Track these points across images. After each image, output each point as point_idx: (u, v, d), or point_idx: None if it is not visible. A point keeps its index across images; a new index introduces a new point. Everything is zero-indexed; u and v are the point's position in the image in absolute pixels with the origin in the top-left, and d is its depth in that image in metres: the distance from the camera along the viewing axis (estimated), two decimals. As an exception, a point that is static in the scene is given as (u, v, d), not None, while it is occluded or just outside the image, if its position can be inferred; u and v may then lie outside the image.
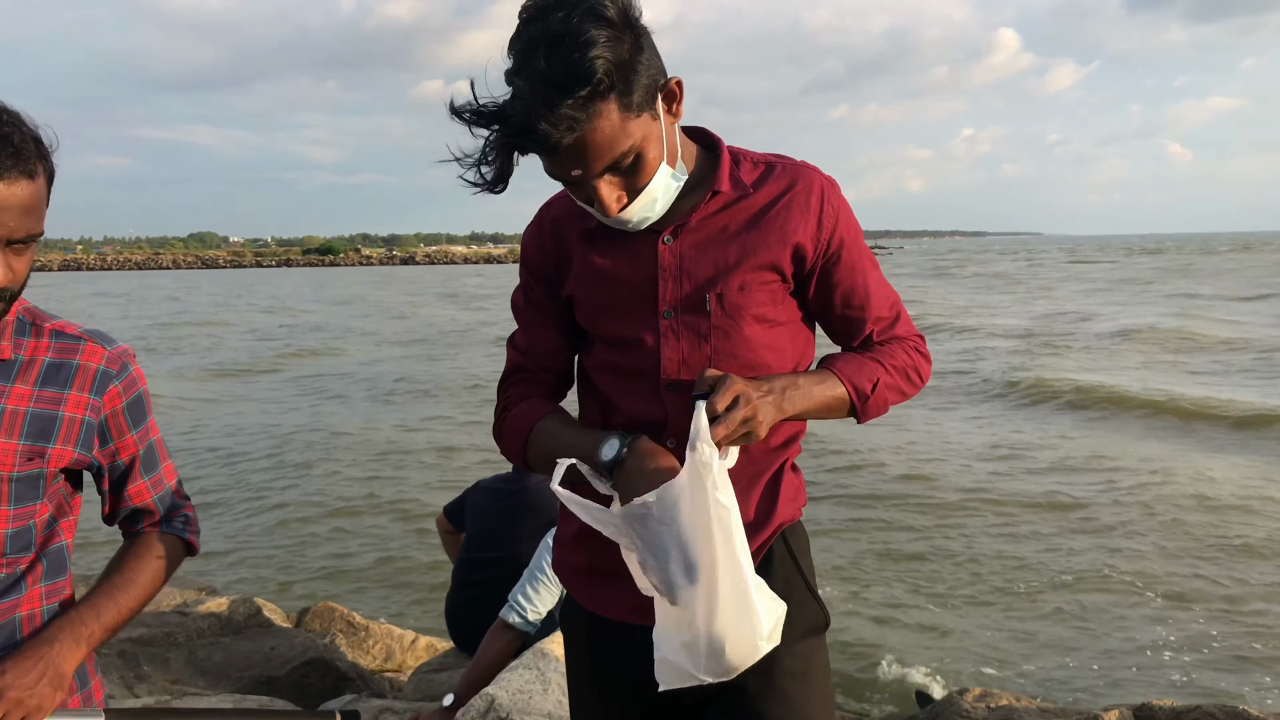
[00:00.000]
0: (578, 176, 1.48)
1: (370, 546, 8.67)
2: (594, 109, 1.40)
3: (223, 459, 12.15)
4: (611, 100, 1.41)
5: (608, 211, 1.52)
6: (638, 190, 1.52)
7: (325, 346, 25.32)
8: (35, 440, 1.50)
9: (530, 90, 1.37)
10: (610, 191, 1.50)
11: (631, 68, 1.42)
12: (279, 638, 5.01)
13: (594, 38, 1.37)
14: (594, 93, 1.38)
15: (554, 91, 1.37)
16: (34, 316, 1.57)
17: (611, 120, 1.42)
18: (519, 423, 1.73)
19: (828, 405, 1.64)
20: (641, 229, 1.61)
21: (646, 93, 1.46)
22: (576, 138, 1.41)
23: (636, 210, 1.54)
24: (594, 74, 1.37)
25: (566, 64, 1.37)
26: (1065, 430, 12.74)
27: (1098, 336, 23.40)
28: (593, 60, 1.37)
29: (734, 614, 1.47)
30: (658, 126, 1.51)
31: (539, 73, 1.37)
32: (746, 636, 1.48)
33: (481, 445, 12.31)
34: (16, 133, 1.37)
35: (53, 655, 1.49)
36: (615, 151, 1.45)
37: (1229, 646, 6.25)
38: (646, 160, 1.50)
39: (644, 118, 1.47)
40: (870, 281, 1.70)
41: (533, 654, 3.17)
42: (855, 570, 7.75)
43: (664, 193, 1.56)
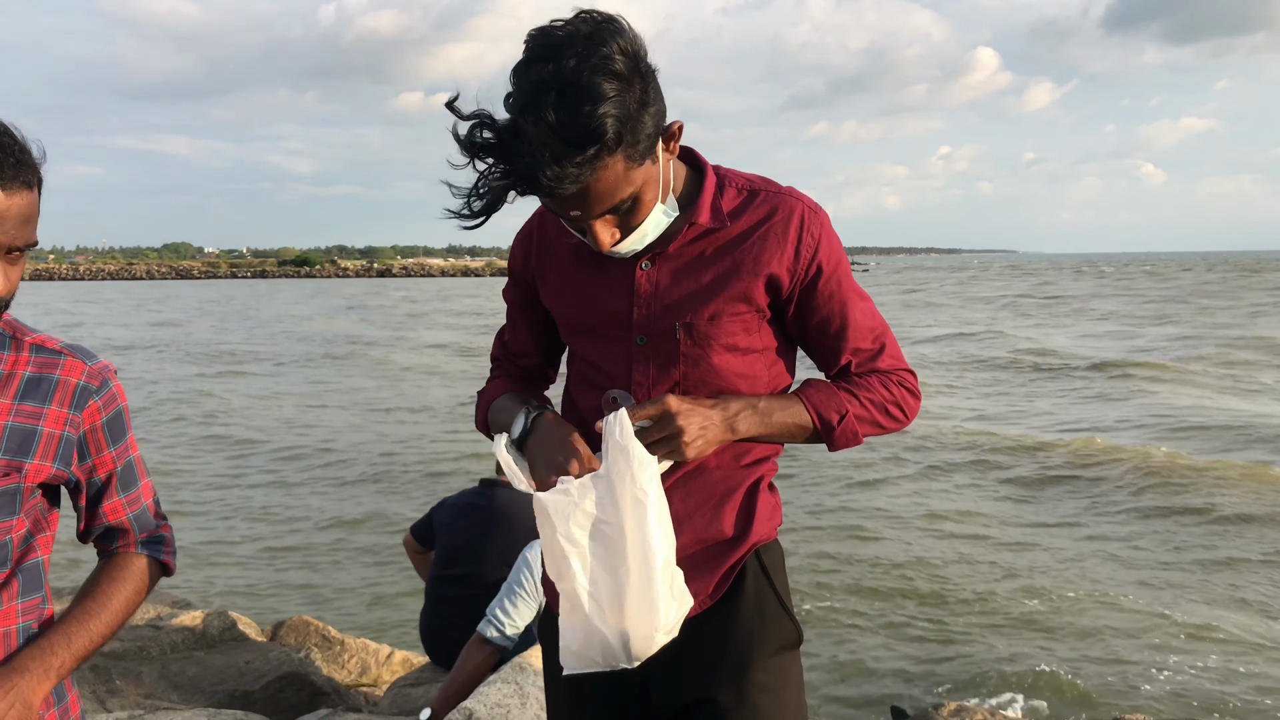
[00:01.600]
0: (576, 217, 1.50)
1: (345, 560, 8.61)
2: (600, 162, 1.40)
3: (198, 467, 12.05)
4: (618, 154, 1.42)
5: (600, 247, 1.54)
6: (631, 228, 1.54)
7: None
8: (13, 455, 1.50)
9: (538, 139, 1.36)
10: (605, 229, 1.52)
11: (639, 119, 1.43)
12: (254, 651, 4.97)
13: (605, 93, 1.37)
14: (602, 150, 1.39)
15: (562, 145, 1.36)
16: (14, 330, 1.56)
17: (615, 171, 1.43)
18: (482, 400, 1.85)
19: (788, 430, 1.65)
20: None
21: (650, 142, 1.47)
22: (580, 188, 1.42)
23: (626, 245, 1.56)
24: (604, 133, 1.37)
25: (576, 119, 1.36)
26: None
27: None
28: (602, 118, 1.37)
29: (635, 606, 1.52)
30: (656, 169, 1.53)
31: (547, 124, 1.36)
32: (644, 629, 1.53)
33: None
34: (16, 144, 1.39)
35: (22, 686, 1.47)
36: (615, 199, 1.47)
37: (1212, 666, 6.31)
38: (643, 202, 1.52)
39: (645, 164, 1.49)
40: (850, 311, 1.68)
41: (511, 668, 3.16)
42: (833, 587, 7.77)
43: (655, 229, 1.58)
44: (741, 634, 1.66)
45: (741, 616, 1.67)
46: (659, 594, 1.52)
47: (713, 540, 1.67)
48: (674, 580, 1.56)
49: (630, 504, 1.50)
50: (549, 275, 1.74)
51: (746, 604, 1.69)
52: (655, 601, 1.52)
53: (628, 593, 1.52)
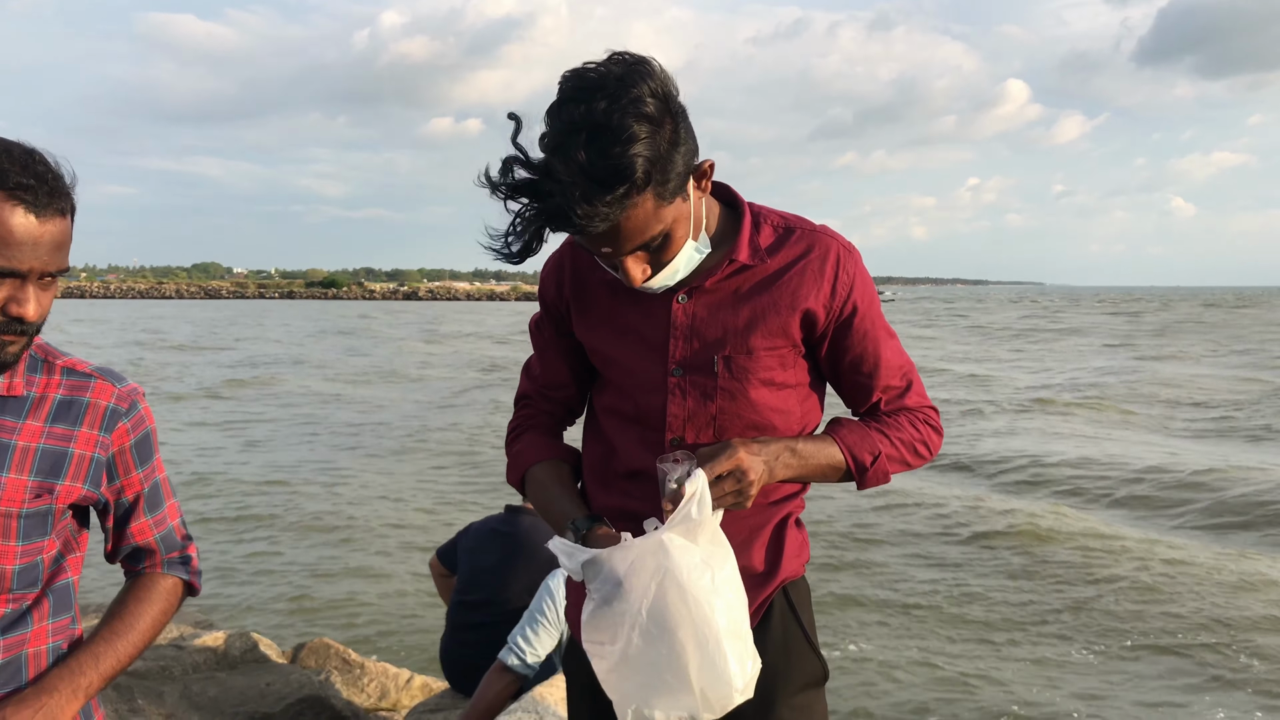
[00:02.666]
0: (607, 254, 1.52)
1: (367, 583, 8.62)
2: (630, 201, 1.42)
3: (221, 490, 12.12)
4: (648, 193, 1.44)
5: (632, 283, 1.55)
6: (662, 264, 1.56)
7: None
8: (45, 477, 1.51)
9: (569, 178, 1.39)
10: (636, 266, 1.54)
11: (669, 159, 1.45)
12: (274, 674, 4.98)
13: (635, 134, 1.39)
14: (631, 189, 1.41)
15: (592, 185, 1.39)
16: (46, 353, 1.59)
17: (646, 209, 1.45)
18: (519, 460, 1.82)
19: (823, 472, 1.66)
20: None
21: (681, 180, 1.49)
22: (610, 226, 1.44)
23: (658, 281, 1.58)
24: (633, 173, 1.40)
25: (607, 160, 1.39)
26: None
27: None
28: (633, 159, 1.39)
29: (700, 673, 1.47)
30: (688, 206, 1.54)
31: (578, 163, 1.39)
32: (719, 693, 1.49)
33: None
34: (50, 172, 1.42)
35: (51, 706, 1.49)
36: (646, 235, 1.49)
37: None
38: (674, 239, 1.54)
39: (676, 202, 1.50)
40: (882, 350, 1.70)
41: (529, 699, 3.15)
42: (863, 619, 7.70)
43: (686, 265, 1.59)
44: (768, 670, 1.65)
45: (768, 653, 1.67)
46: (731, 656, 1.48)
47: (742, 576, 1.67)
48: (745, 638, 1.53)
49: (698, 568, 1.47)
50: (582, 307, 1.75)
51: (773, 641, 1.68)
52: (727, 664, 1.48)
53: (690, 659, 1.47)
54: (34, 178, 1.40)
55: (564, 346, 1.83)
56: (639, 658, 1.51)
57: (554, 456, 1.81)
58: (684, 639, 1.46)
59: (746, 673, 1.52)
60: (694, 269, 1.62)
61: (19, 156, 1.40)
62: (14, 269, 1.39)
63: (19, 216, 1.38)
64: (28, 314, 1.43)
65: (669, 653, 1.48)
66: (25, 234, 1.38)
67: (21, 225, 1.38)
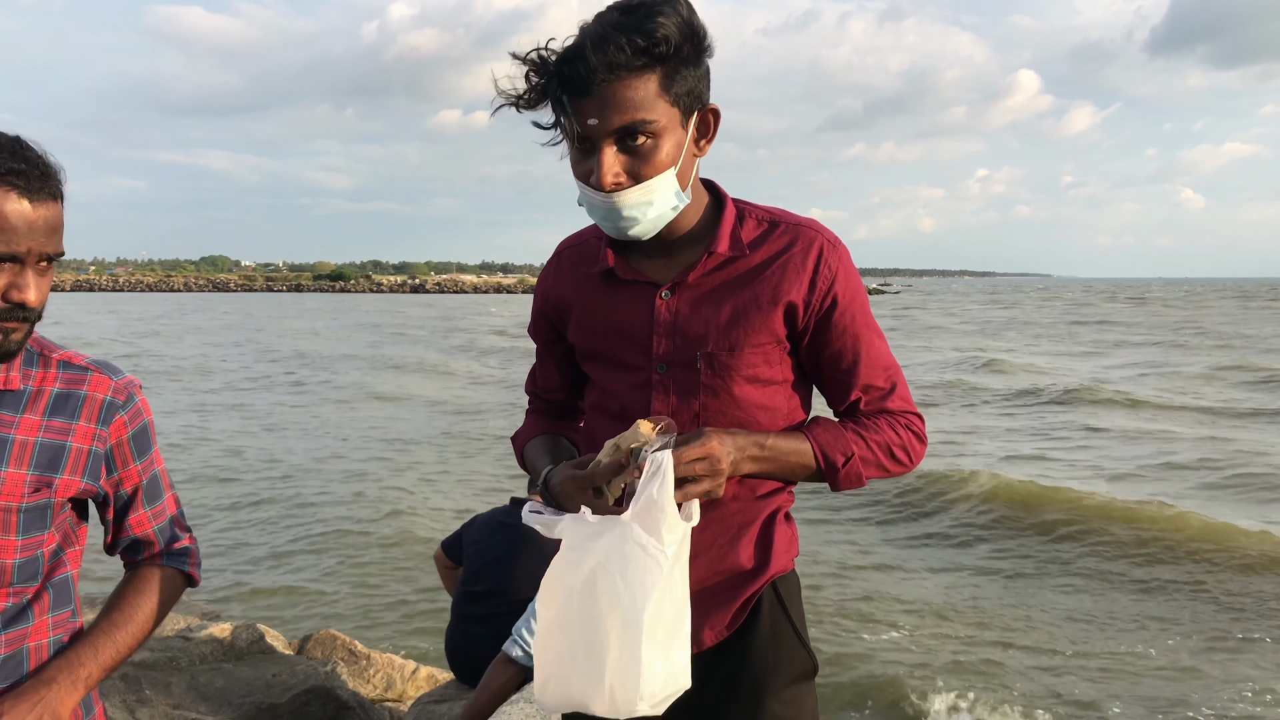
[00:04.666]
0: (592, 128, 1.49)
1: (374, 575, 8.65)
2: (639, 64, 1.46)
3: (222, 481, 12.17)
4: (655, 72, 1.48)
5: (602, 181, 1.51)
6: (639, 179, 1.52)
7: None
8: (44, 471, 1.52)
9: (594, 30, 1.47)
10: (612, 164, 1.50)
11: (686, 64, 1.50)
12: (281, 665, 5.00)
13: (667, 16, 1.47)
14: (646, 50, 1.46)
15: (613, 32, 1.45)
16: (41, 347, 1.59)
17: (647, 88, 1.48)
18: (517, 440, 1.89)
19: (793, 470, 1.63)
20: (644, 272, 1.64)
21: (687, 96, 1.52)
22: (610, 85, 1.46)
23: (629, 200, 1.53)
24: (655, 33, 1.45)
25: (634, 21, 1.46)
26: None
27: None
28: (659, 23, 1.46)
29: (617, 666, 1.43)
30: (681, 136, 1.54)
31: (608, 20, 1.47)
32: (625, 692, 1.44)
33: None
34: (39, 158, 1.44)
35: (50, 698, 1.49)
36: (636, 114, 1.48)
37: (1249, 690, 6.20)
38: (659, 150, 1.51)
39: (675, 111, 1.52)
40: (863, 348, 1.67)
41: (532, 689, 3.16)
42: (865, 605, 7.71)
43: (661, 199, 1.55)
44: (757, 665, 1.64)
45: (757, 647, 1.66)
46: (648, 665, 1.43)
47: (730, 572, 1.67)
48: (672, 652, 1.48)
49: (649, 567, 1.43)
50: (571, 305, 1.74)
51: (762, 635, 1.68)
52: (640, 669, 1.43)
53: (609, 649, 1.43)
54: (24, 162, 1.42)
55: (557, 353, 1.84)
56: (566, 633, 1.48)
57: (547, 433, 1.86)
58: (609, 630, 1.43)
59: (660, 688, 1.46)
60: (675, 256, 1.62)
61: (6, 144, 1.43)
62: (12, 253, 1.41)
63: (12, 202, 1.40)
64: (29, 299, 1.44)
65: (592, 639, 1.45)
66: (20, 218, 1.40)
67: (16, 210, 1.40)
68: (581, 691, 1.47)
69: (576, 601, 1.47)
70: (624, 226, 1.56)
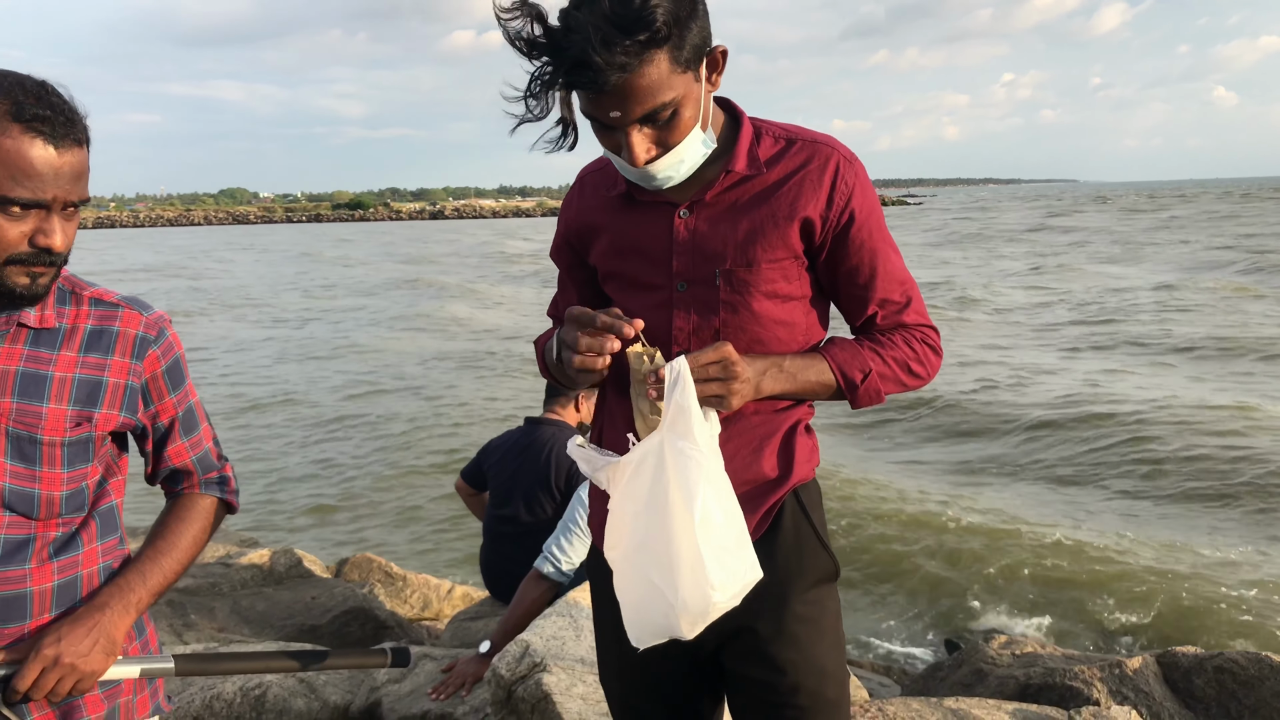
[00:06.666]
0: (615, 119, 1.51)
1: (409, 498, 8.81)
2: (647, 55, 1.44)
3: (260, 410, 12.35)
4: (664, 51, 1.46)
5: (635, 161, 1.55)
6: (668, 147, 1.56)
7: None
8: (83, 405, 1.57)
9: (589, 25, 1.42)
10: (641, 142, 1.54)
11: (687, 25, 1.47)
12: (319, 588, 5.14)
13: None
14: (651, 39, 1.43)
15: (613, 30, 1.41)
16: (73, 285, 1.63)
17: (660, 70, 1.47)
18: (538, 342, 1.91)
19: (813, 389, 1.68)
20: (662, 192, 1.65)
21: (695, 52, 1.51)
22: (625, 80, 1.45)
23: (663, 166, 1.57)
24: (654, 21, 1.42)
25: (628, 7, 1.42)
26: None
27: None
28: (655, 9, 1.42)
29: (689, 573, 1.49)
30: (698, 89, 1.55)
31: (601, 11, 1.42)
32: (699, 596, 1.50)
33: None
34: (64, 103, 1.45)
35: (104, 622, 1.56)
36: (656, 100, 1.49)
37: (1261, 598, 6.26)
38: (682, 118, 1.54)
39: (688, 75, 1.51)
40: (880, 262, 1.69)
41: (565, 603, 3.24)
42: (879, 521, 7.80)
43: (691, 154, 1.59)
44: (781, 568, 1.69)
45: (781, 551, 1.71)
46: (711, 556, 1.49)
47: (754, 481, 1.71)
48: (735, 546, 1.53)
49: (689, 468, 1.48)
50: (592, 227, 1.76)
51: (785, 539, 1.72)
52: (707, 569, 1.49)
53: (681, 557, 1.49)
54: (49, 109, 1.42)
55: (579, 278, 1.86)
56: (634, 566, 1.55)
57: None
58: (669, 543, 1.49)
59: (730, 580, 1.52)
60: (699, 166, 1.62)
61: (32, 89, 1.43)
62: (38, 199, 1.43)
63: (38, 148, 1.41)
64: (55, 244, 1.46)
65: (657, 558, 1.51)
66: (46, 165, 1.42)
67: (41, 156, 1.41)
68: (663, 618, 1.53)
69: (635, 532, 1.54)
70: (659, 184, 1.61)
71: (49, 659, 1.50)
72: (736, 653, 1.73)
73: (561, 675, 2.89)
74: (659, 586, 1.51)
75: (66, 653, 1.51)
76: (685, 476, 1.48)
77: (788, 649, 1.70)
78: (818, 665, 1.72)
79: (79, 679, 1.52)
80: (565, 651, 3.00)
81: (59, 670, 1.50)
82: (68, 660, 1.51)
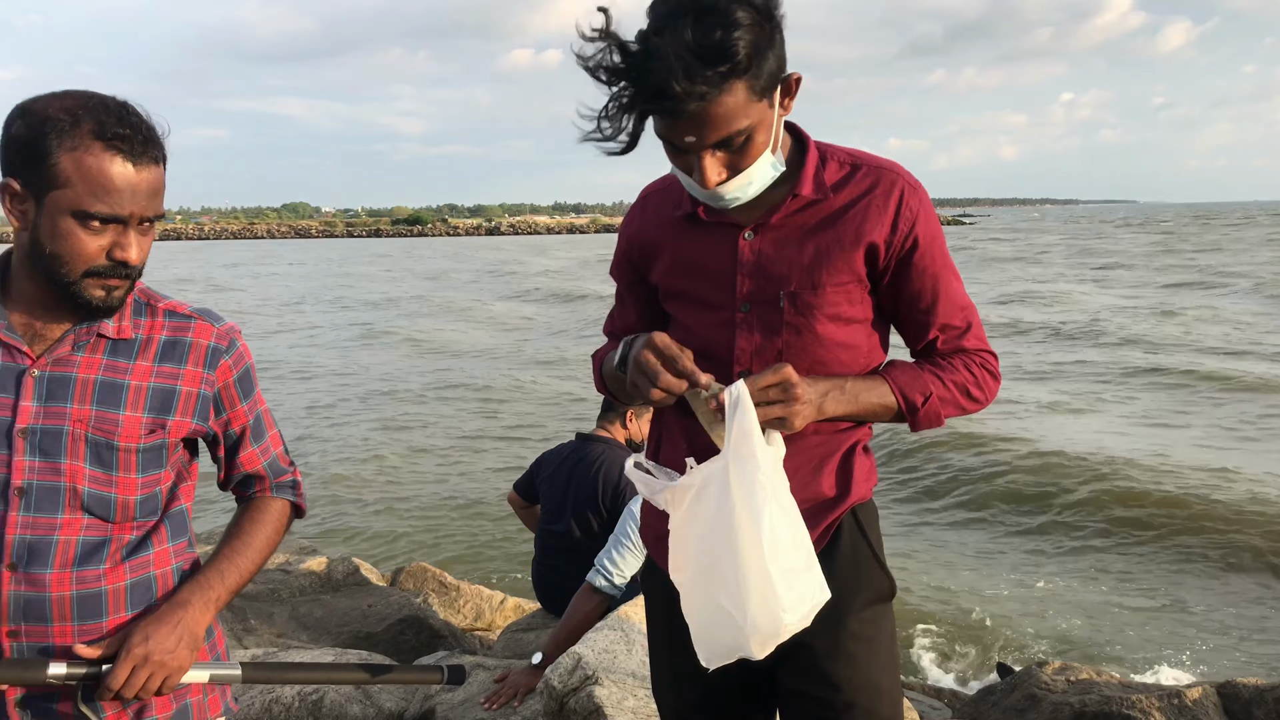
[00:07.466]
0: (690, 144, 1.54)
1: (463, 512, 8.89)
2: (726, 85, 1.46)
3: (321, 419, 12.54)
4: (743, 81, 1.48)
5: (706, 183, 1.57)
6: (739, 170, 1.58)
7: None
8: (157, 413, 1.63)
9: (671, 54, 1.43)
10: (713, 165, 1.56)
11: (765, 54, 1.49)
12: (375, 596, 5.21)
13: (740, 19, 1.44)
14: (732, 70, 1.45)
15: (695, 60, 1.43)
16: (148, 297, 1.69)
17: (737, 99, 1.49)
18: (596, 356, 1.93)
19: (874, 411, 1.69)
20: (727, 213, 1.67)
21: (771, 80, 1.53)
22: (703, 108, 1.47)
23: (732, 188, 1.59)
24: (736, 53, 1.44)
25: (711, 38, 1.44)
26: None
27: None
28: (736, 40, 1.44)
29: (758, 597, 1.50)
30: (770, 116, 1.57)
31: (683, 40, 1.43)
32: (769, 619, 1.51)
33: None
34: (144, 123, 1.53)
35: (187, 619, 1.62)
36: (731, 128, 1.51)
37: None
38: (754, 143, 1.56)
39: (763, 103, 1.53)
40: (942, 288, 1.71)
41: (616, 617, 3.26)
42: (945, 547, 7.71)
43: (760, 177, 1.61)
44: (838, 586, 1.70)
45: (838, 569, 1.72)
46: (780, 579, 1.51)
47: (813, 500, 1.72)
48: (803, 567, 1.55)
49: (754, 490, 1.50)
50: (655, 244, 1.79)
51: (843, 558, 1.74)
52: (777, 591, 1.50)
53: (750, 581, 1.50)
54: (129, 128, 1.50)
55: (639, 294, 1.89)
56: (702, 588, 1.57)
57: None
58: (736, 567, 1.50)
59: (799, 601, 1.53)
60: (766, 186, 1.63)
61: (115, 109, 1.51)
62: (115, 215, 1.50)
63: (118, 165, 1.48)
64: (131, 258, 1.53)
65: (725, 582, 1.52)
66: (124, 181, 1.49)
67: (120, 173, 1.49)
68: (733, 639, 1.55)
69: (702, 555, 1.55)
70: (726, 204, 1.64)
71: (139, 657, 1.55)
72: (791, 669, 1.75)
73: (613, 688, 2.91)
74: (728, 609, 1.53)
75: (155, 650, 1.56)
76: (751, 500, 1.50)
77: (843, 666, 1.72)
78: (872, 683, 1.73)
79: (167, 675, 1.58)
80: (617, 665, 3.02)
81: (149, 668, 1.55)
82: (157, 658, 1.56)
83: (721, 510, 1.52)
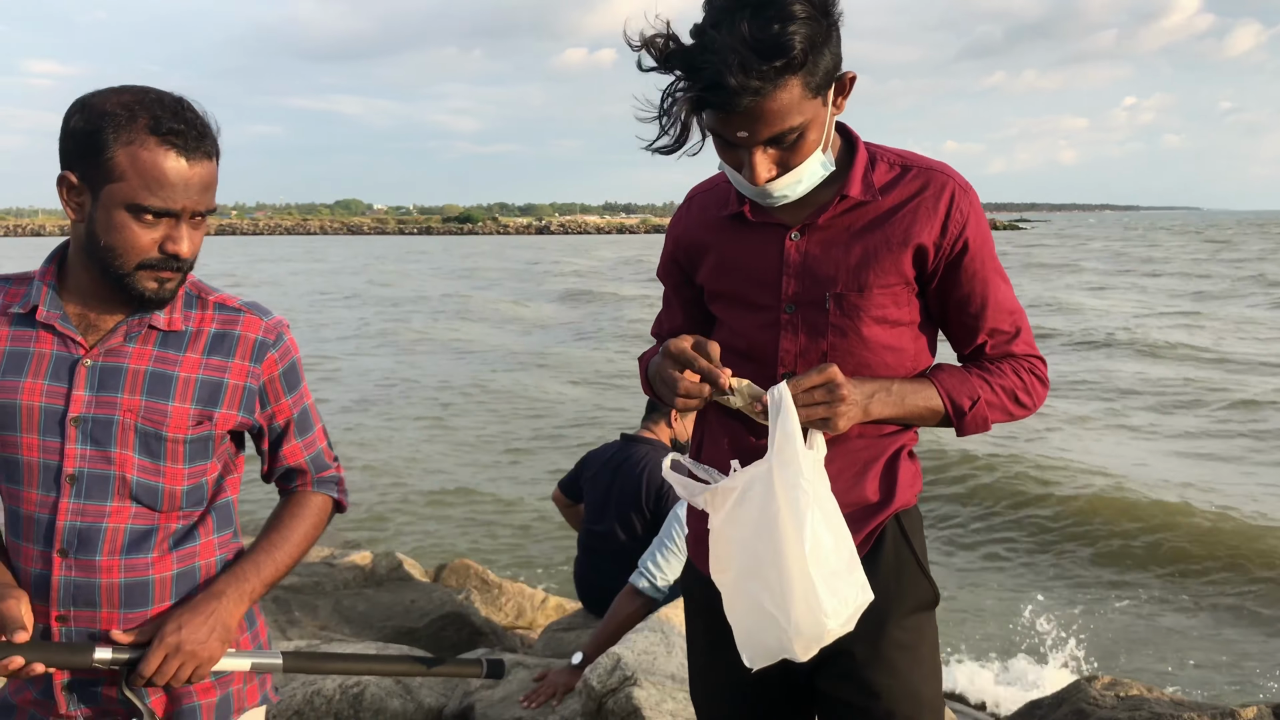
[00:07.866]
0: (742, 139, 1.53)
1: (507, 509, 8.93)
2: (781, 80, 1.45)
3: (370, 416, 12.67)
4: (798, 77, 1.47)
5: (755, 180, 1.56)
6: (789, 168, 1.57)
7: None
8: (205, 405, 1.65)
9: (727, 48, 1.43)
10: (764, 162, 1.55)
11: (821, 52, 1.48)
12: (418, 591, 5.25)
13: (797, 14, 1.44)
14: (788, 65, 1.44)
15: (752, 54, 1.42)
16: (199, 290, 1.71)
17: (792, 95, 1.48)
18: (643, 359, 1.91)
19: (920, 414, 1.66)
20: (774, 213, 1.66)
21: (826, 78, 1.51)
22: (757, 103, 1.46)
23: (780, 185, 1.58)
24: (793, 48, 1.43)
25: (767, 32, 1.43)
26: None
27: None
28: (793, 35, 1.43)
29: (801, 600, 1.49)
30: (823, 115, 1.56)
31: (740, 34, 1.43)
32: (813, 623, 1.51)
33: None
34: (198, 118, 1.55)
35: (220, 610, 1.63)
36: (785, 124, 1.50)
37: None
38: (806, 141, 1.55)
39: (817, 101, 1.52)
40: (991, 291, 1.68)
41: (657, 619, 3.25)
42: (994, 556, 7.61)
43: (809, 176, 1.59)
44: (880, 592, 1.67)
45: (881, 576, 1.70)
46: (823, 582, 1.50)
47: (857, 504, 1.70)
48: (845, 570, 1.54)
49: (798, 496, 1.49)
50: (700, 248, 1.78)
51: (886, 565, 1.71)
52: (820, 596, 1.50)
53: (793, 585, 1.50)
54: (184, 124, 1.52)
55: (686, 296, 1.88)
56: (745, 591, 1.56)
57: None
58: (780, 570, 1.50)
59: (842, 605, 1.53)
60: (815, 185, 1.62)
61: (170, 105, 1.53)
62: (168, 209, 1.52)
63: (171, 160, 1.51)
64: (182, 251, 1.56)
65: (769, 584, 1.51)
66: (177, 176, 1.51)
67: (174, 168, 1.51)
68: (776, 641, 1.55)
69: (746, 557, 1.55)
70: (774, 203, 1.62)
71: (171, 646, 1.57)
72: (831, 675, 1.73)
73: (652, 690, 2.90)
74: (771, 612, 1.52)
75: (187, 640, 1.58)
76: (795, 504, 1.49)
77: (884, 674, 1.69)
78: (913, 692, 1.70)
79: (198, 665, 1.59)
80: (656, 667, 3.01)
81: (180, 657, 1.57)
82: (189, 648, 1.58)
83: (765, 514, 1.51)
